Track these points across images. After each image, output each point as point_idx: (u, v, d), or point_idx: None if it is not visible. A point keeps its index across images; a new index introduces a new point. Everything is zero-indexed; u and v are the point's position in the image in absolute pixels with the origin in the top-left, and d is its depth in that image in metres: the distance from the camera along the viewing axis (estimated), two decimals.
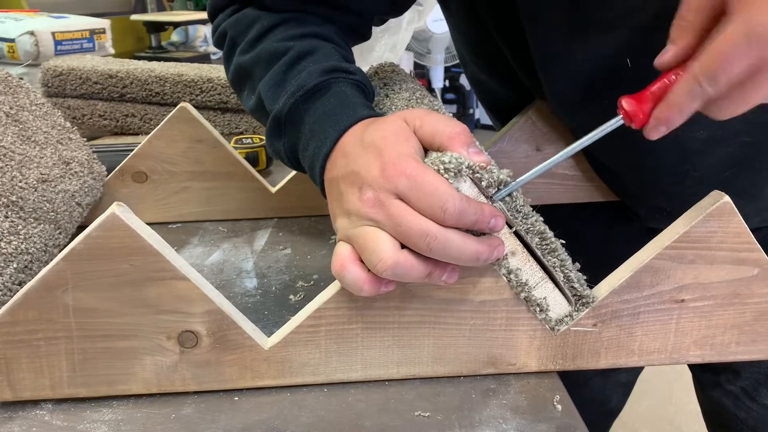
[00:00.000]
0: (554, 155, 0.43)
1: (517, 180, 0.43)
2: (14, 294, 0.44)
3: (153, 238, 0.42)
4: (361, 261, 0.41)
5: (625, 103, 0.43)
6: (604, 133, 0.44)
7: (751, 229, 0.45)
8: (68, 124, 0.70)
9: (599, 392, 0.89)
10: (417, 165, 0.40)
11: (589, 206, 0.78)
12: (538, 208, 0.46)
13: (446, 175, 0.40)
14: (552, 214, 0.49)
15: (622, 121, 0.43)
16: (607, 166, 0.71)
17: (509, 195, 0.43)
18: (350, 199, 0.42)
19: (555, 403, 0.46)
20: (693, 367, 0.79)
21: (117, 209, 0.40)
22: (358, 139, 0.44)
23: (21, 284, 0.52)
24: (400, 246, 0.40)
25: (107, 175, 0.73)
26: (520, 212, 0.44)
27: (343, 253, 0.42)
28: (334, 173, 0.45)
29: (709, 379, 0.76)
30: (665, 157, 0.61)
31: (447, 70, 3.08)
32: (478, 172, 0.41)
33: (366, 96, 0.53)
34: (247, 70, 0.56)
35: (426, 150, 0.44)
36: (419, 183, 0.39)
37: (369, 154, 0.42)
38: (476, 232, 0.41)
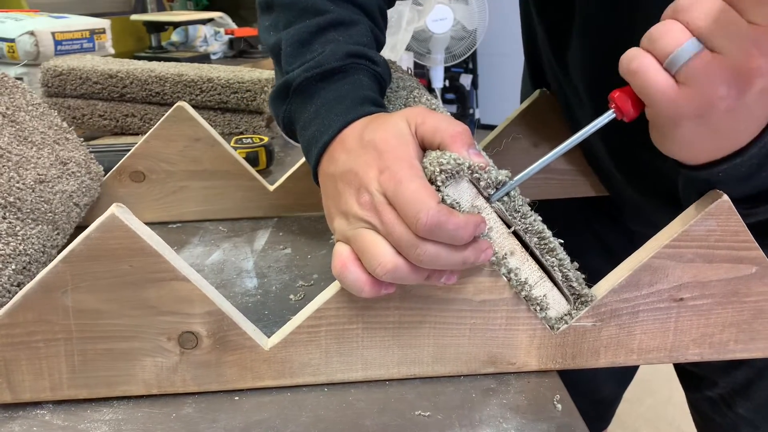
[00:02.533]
0: (550, 151, 0.43)
1: (514, 179, 0.43)
2: (13, 295, 0.44)
3: (153, 239, 0.42)
4: (362, 262, 0.41)
5: (617, 97, 0.43)
6: (596, 128, 0.44)
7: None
8: (65, 125, 0.69)
9: (590, 378, 0.88)
10: (408, 171, 0.40)
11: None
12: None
13: (443, 176, 0.40)
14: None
15: (614, 115, 0.43)
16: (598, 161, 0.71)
17: (507, 195, 0.43)
18: (348, 200, 0.42)
19: (555, 403, 0.46)
20: (678, 371, 0.80)
21: (116, 210, 0.40)
22: (358, 135, 0.44)
23: (19, 285, 0.52)
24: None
25: (105, 175, 0.73)
26: (518, 212, 0.44)
27: (343, 253, 0.42)
28: (332, 169, 0.45)
29: (693, 384, 0.77)
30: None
31: (447, 70, 3.08)
32: (476, 173, 0.41)
33: (381, 89, 0.52)
34: (278, 7, 0.55)
35: (425, 150, 0.44)
36: (401, 189, 0.39)
37: (368, 155, 0.42)
38: None
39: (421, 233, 0.38)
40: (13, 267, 0.52)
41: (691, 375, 0.77)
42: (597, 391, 0.93)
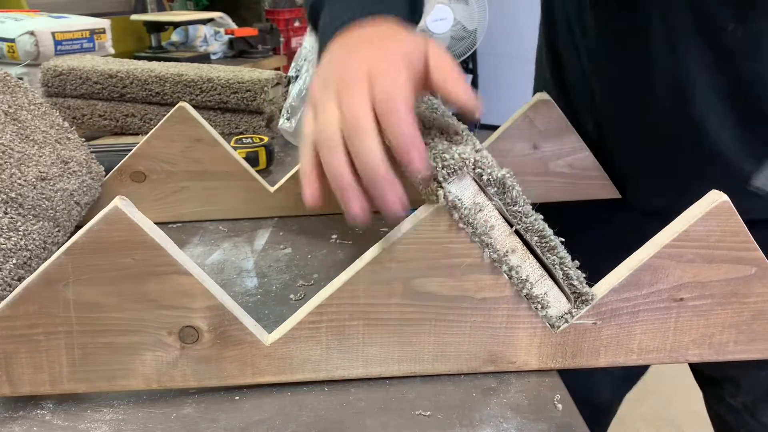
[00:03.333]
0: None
1: None
2: (13, 289, 0.44)
3: (155, 232, 0.42)
4: (322, 169, 0.41)
5: None
6: None
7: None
8: (66, 124, 0.70)
9: (585, 381, 0.88)
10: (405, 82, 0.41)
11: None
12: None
13: (445, 172, 0.40)
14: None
15: None
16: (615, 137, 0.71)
17: (506, 194, 0.43)
18: (343, 65, 0.43)
19: (555, 402, 0.46)
20: (699, 381, 0.79)
21: (119, 203, 0.40)
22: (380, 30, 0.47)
23: (20, 280, 0.52)
24: None
25: (106, 175, 0.73)
26: (519, 211, 0.44)
27: (307, 156, 0.42)
28: (346, 40, 0.47)
29: (715, 393, 0.76)
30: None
31: None
32: (479, 168, 0.41)
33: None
34: None
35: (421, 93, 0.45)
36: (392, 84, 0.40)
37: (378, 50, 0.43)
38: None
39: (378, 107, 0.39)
40: (14, 261, 0.52)
41: (714, 383, 0.76)
42: (592, 395, 0.92)
